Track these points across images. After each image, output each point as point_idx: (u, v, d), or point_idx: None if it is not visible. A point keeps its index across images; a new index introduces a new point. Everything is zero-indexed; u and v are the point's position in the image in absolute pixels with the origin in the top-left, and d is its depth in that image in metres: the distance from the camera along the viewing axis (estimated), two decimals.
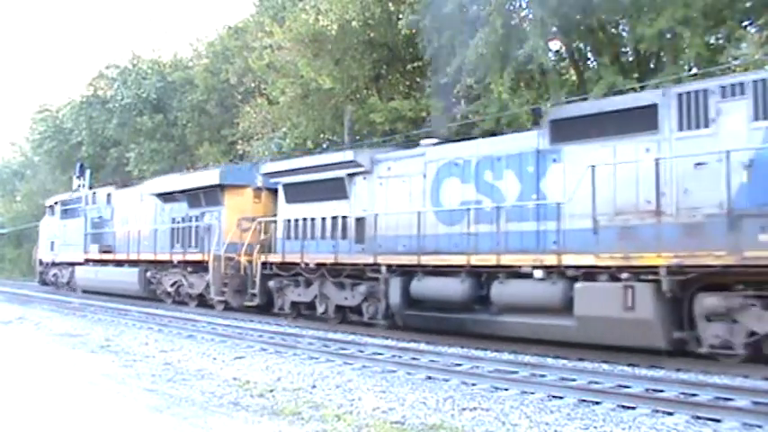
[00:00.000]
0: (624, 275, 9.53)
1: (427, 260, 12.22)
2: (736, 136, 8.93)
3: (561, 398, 7.51)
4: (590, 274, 9.96)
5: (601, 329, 9.83)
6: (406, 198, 13.06)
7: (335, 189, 14.35)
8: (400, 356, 10.45)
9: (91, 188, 25.00)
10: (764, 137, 8.82)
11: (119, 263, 21.46)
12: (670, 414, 6.69)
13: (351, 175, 14.13)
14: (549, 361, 9.84)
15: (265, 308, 16.01)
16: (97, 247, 22.46)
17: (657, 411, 6.80)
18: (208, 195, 17.89)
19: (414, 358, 10.24)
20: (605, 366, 9.48)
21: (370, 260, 13.07)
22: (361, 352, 10.81)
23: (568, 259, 10.17)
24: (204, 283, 17.78)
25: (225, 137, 28.82)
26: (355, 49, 20.85)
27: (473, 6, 16.82)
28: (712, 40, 15.93)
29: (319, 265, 14.26)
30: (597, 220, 9.90)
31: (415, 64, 20.61)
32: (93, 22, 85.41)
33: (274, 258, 15.49)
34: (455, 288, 11.68)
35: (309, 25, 20.40)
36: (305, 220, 15.05)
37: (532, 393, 7.75)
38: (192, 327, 14.50)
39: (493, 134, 13.57)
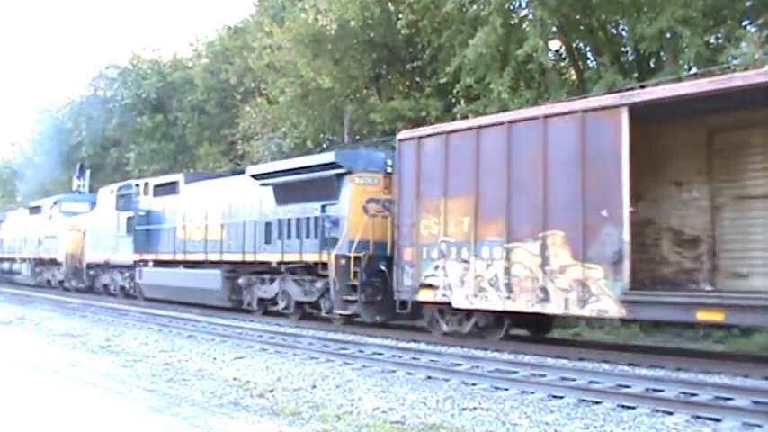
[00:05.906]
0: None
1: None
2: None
3: (561, 398, 7.52)
4: None
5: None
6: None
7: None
8: (400, 356, 10.47)
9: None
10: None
11: None
12: (670, 414, 6.71)
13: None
14: (549, 361, 9.86)
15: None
16: None
17: (657, 411, 6.82)
18: None
19: (414, 358, 10.26)
20: (605, 366, 9.50)
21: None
22: (362, 352, 10.83)
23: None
24: None
25: (225, 137, 28.76)
26: (355, 49, 20.81)
27: (473, 6, 16.80)
28: (712, 40, 15.93)
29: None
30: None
31: (415, 64, 20.60)
32: (93, 22, 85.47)
33: None
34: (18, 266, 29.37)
35: (309, 25, 20.36)
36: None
37: (532, 393, 7.76)
38: (192, 327, 14.53)
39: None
